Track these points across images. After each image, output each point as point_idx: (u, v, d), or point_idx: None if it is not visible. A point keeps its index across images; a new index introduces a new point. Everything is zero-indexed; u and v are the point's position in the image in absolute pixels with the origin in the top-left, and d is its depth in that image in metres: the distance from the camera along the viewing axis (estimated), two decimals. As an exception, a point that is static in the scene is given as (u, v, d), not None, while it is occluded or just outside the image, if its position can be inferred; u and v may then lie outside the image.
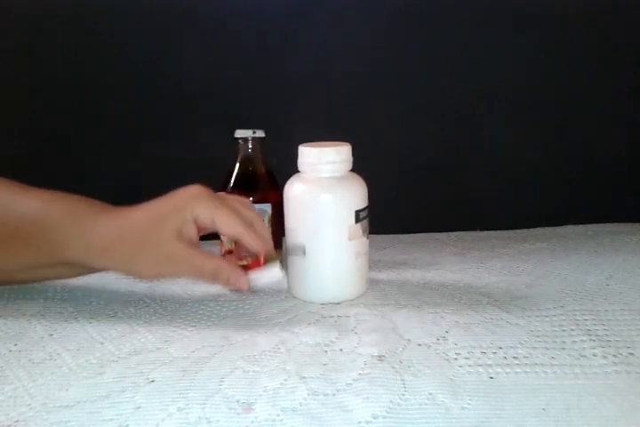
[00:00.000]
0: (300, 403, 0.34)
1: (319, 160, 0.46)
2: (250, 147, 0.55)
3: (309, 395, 0.34)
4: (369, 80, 0.68)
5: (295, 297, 0.49)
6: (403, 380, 0.36)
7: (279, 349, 0.40)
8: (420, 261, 0.59)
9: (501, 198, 0.72)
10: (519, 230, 0.70)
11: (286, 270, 0.44)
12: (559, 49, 0.68)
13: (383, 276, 0.54)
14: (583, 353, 0.39)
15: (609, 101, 0.70)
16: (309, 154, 0.46)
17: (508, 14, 0.67)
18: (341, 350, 0.40)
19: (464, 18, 0.66)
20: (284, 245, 0.51)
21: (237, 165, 0.56)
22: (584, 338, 0.41)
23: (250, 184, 0.55)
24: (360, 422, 0.32)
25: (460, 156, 0.70)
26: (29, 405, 0.34)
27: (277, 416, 0.32)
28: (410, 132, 0.69)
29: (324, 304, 0.47)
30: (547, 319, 0.44)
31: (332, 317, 0.45)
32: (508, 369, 0.37)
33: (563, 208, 0.72)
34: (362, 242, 0.48)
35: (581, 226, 0.70)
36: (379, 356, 0.38)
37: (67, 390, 0.36)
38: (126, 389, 0.35)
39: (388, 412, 0.32)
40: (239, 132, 0.55)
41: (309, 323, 0.44)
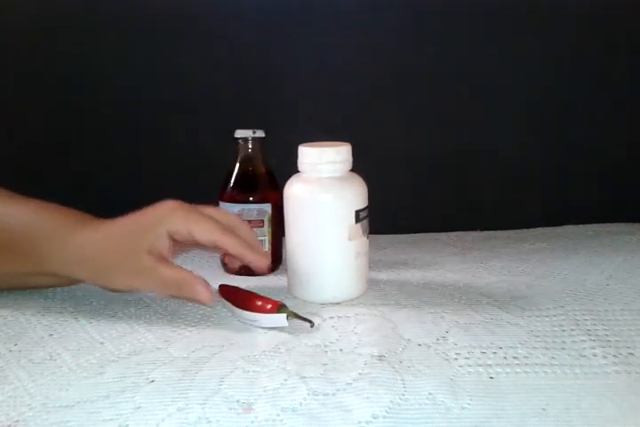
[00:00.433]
0: (300, 403, 0.34)
1: (319, 160, 0.46)
2: (250, 147, 0.55)
3: (309, 395, 0.34)
4: (369, 80, 0.68)
5: (295, 297, 0.49)
6: (403, 380, 0.36)
7: (279, 349, 0.40)
8: (420, 261, 0.59)
9: (501, 198, 0.72)
10: (519, 230, 0.70)
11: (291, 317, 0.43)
12: (559, 49, 0.68)
13: (383, 276, 0.54)
14: (583, 353, 0.39)
15: (609, 101, 0.70)
16: (309, 154, 0.46)
17: (508, 14, 0.67)
18: (341, 350, 0.40)
19: (464, 18, 0.66)
20: (283, 245, 0.51)
21: (237, 165, 0.56)
22: (584, 338, 0.41)
23: (250, 184, 0.55)
24: (360, 423, 0.32)
25: (461, 156, 0.70)
26: (29, 405, 0.34)
27: (277, 416, 0.32)
28: (410, 132, 0.69)
29: (323, 304, 0.47)
30: (547, 319, 0.44)
31: (331, 317, 0.45)
32: (508, 369, 0.37)
33: (563, 208, 0.72)
34: (362, 242, 0.48)
35: (581, 226, 0.70)
36: (379, 356, 0.38)
37: (67, 390, 0.36)
38: (126, 389, 0.35)
39: (387, 412, 0.32)
40: (239, 133, 0.55)
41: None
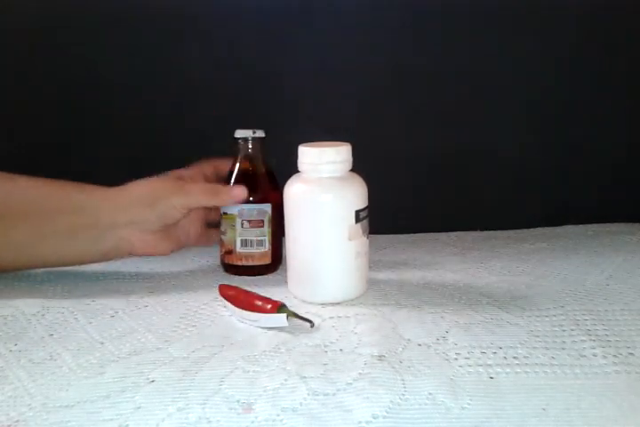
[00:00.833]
0: (300, 403, 0.34)
1: (319, 160, 0.46)
2: (250, 147, 0.55)
3: (309, 395, 0.34)
4: (369, 80, 0.68)
5: (295, 297, 0.49)
6: (403, 380, 0.36)
7: (279, 349, 0.40)
8: (420, 261, 0.59)
9: (501, 198, 0.72)
10: (519, 230, 0.70)
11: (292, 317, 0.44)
12: (559, 49, 0.68)
13: (383, 276, 0.54)
14: (583, 353, 0.39)
15: (609, 101, 0.70)
16: (309, 154, 0.46)
17: (508, 14, 0.67)
18: (341, 350, 0.40)
19: (464, 18, 0.66)
20: (284, 245, 0.51)
21: (237, 164, 0.55)
22: (584, 338, 0.41)
23: (250, 184, 0.54)
24: (360, 423, 0.32)
25: (461, 156, 0.70)
26: (29, 405, 0.34)
27: (277, 416, 0.32)
28: (410, 132, 0.69)
29: (324, 304, 0.47)
30: (547, 319, 0.44)
31: (331, 317, 0.45)
32: (508, 369, 0.37)
33: (563, 208, 0.72)
34: (362, 242, 0.48)
35: (581, 226, 0.70)
36: (379, 356, 0.38)
37: (67, 390, 0.36)
38: (126, 389, 0.35)
39: (387, 412, 0.32)
40: (239, 133, 0.55)
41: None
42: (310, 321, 0.43)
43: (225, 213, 0.54)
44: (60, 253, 0.52)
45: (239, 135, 0.55)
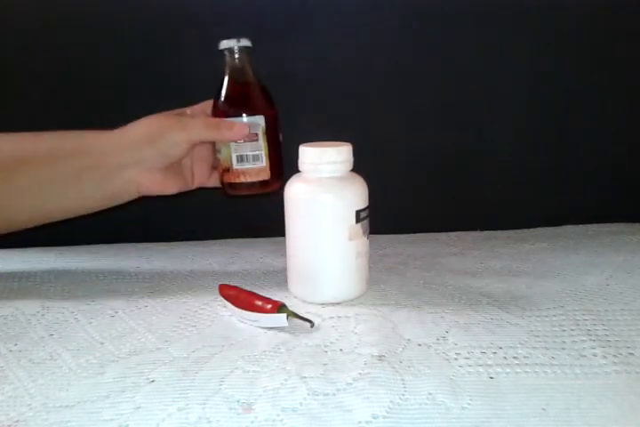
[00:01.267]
0: (300, 403, 0.34)
1: (320, 160, 0.46)
2: (237, 57, 0.52)
3: (309, 395, 0.34)
4: (369, 80, 0.67)
5: (295, 297, 0.49)
6: (403, 380, 0.36)
7: (279, 349, 0.40)
8: (420, 261, 0.59)
9: (501, 198, 0.72)
10: (519, 230, 0.70)
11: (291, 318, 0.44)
12: (559, 49, 0.68)
13: (383, 276, 0.54)
14: (583, 353, 0.39)
15: (609, 101, 0.70)
16: (310, 154, 0.46)
17: (508, 14, 0.66)
18: (341, 350, 0.40)
19: (465, 18, 0.66)
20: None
21: (225, 78, 0.52)
22: (584, 338, 0.41)
23: (240, 97, 0.52)
24: (360, 422, 0.32)
25: (461, 156, 0.70)
26: (29, 405, 0.34)
27: (277, 416, 0.33)
28: (410, 132, 0.69)
29: (324, 304, 0.47)
30: (547, 319, 0.44)
31: (331, 317, 0.45)
32: (508, 369, 0.37)
33: (563, 208, 0.72)
34: (362, 242, 0.48)
35: (581, 226, 0.70)
36: (379, 356, 0.38)
37: (67, 390, 0.36)
38: (126, 389, 0.36)
39: (388, 412, 0.33)
40: (223, 43, 0.51)
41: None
42: (310, 321, 0.43)
43: None
44: (65, 200, 0.51)
45: (223, 46, 0.51)
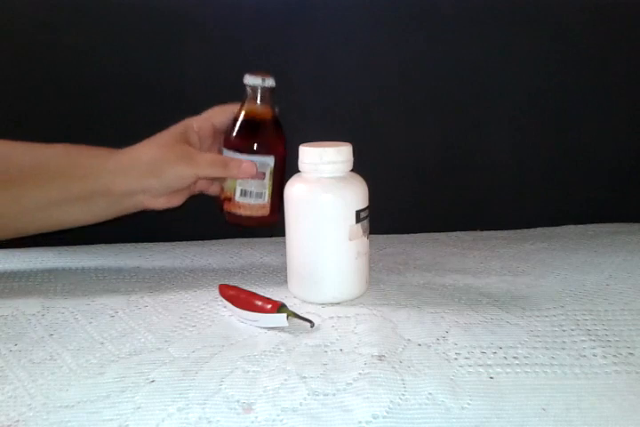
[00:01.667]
0: (301, 403, 0.34)
1: (320, 160, 0.46)
2: (259, 96, 0.51)
3: (309, 395, 0.34)
4: (369, 80, 0.67)
5: (295, 297, 0.49)
6: (403, 380, 0.36)
7: (279, 349, 0.40)
8: (420, 261, 0.59)
9: (501, 198, 0.72)
10: (519, 230, 0.70)
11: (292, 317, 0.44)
12: (559, 49, 0.68)
13: (383, 276, 0.54)
14: (583, 353, 0.39)
15: (609, 101, 0.70)
16: (310, 154, 0.46)
17: (508, 14, 0.66)
18: (341, 350, 0.40)
19: (465, 18, 0.66)
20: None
21: (244, 112, 0.52)
22: (584, 338, 0.41)
23: (255, 135, 0.51)
24: (360, 422, 0.32)
25: (461, 156, 0.70)
26: (29, 405, 0.34)
27: (277, 416, 0.33)
28: (410, 132, 0.69)
29: (324, 304, 0.47)
30: (547, 319, 0.44)
31: (331, 317, 0.45)
32: (508, 369, 0.37)
33: (563, 208, 0.72)
34: (362, 242, 0.48)
35: (581, 226, 0.70)
36: (379, 356, 0.38)
37: (67, 390, 0.36)
38: (126, 389, 0.36)
39: (388, 412, 0.33)
40: (248, 79, 0.50)
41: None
42: (310, 321, 0.43)
43: None
44: (75, 217, 0.53)
45: (248, 82, 0.50)
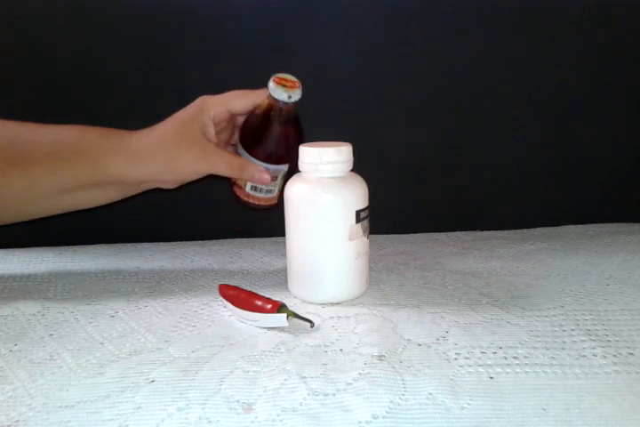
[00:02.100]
0: (301, 403, 0.34)
1: (320, 160, 0.46)
2: (282, 109, 0.49)
3: (309, 395, 0.34)
4: (369, 80, 0.67)
5: (295, 297, 0.49)
6: (403, 380, 0.36)
7: (279, 349, 0.40)
8: (420, 261, 0.59)
9: (501, 198, 0.72)
10: (519, 230, 0.70)
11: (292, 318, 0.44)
12: (559, 49, 0.68)
13: (383, 276, 0.54)
14: (583, 353, 0.39)
15: (609, 101, 0.70)
16: (310, 154, 0.46)
17: (508, 14, 0.67)
18: (341, 350, 0.40)
19: (464, 18, 0.66)
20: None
21: (264, 118, 0.50)
22: (584, 338, 0.41)
23: (274, 145, 0.51)
24: (360, 422, 0.32)
25: (461, 156, 0.70)
26: (29, 405, 0.34)
27: (277, 416, 0.33)
28: (410, 132, 0.69)
29: (323, 304, 0.47)
30: (547, 319, 0.44)
31: (331, 317, 0.45)
32: (508, 369, 0.37)
33: (563, 208, 0.72)
34: (362, 242, 0.48)
35: (581, 226, 0.70)
36: (379, 356, 0.38)
37: (67, 390, 0.36)
38: (126, 389, 0.36)
39: (388, 412, 0.33)
40: (274, 91, 0.48)
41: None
42: (310, 321, 0.43)
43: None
44: (87, 201, 0.53)
45: (274, 95, 0.48)
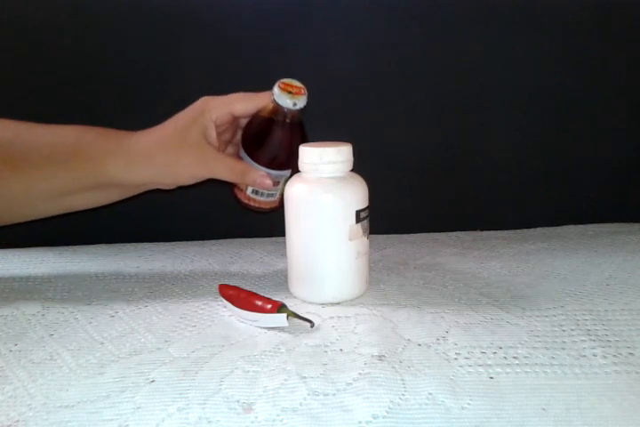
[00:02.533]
0: (301, 403, 0.34)
1: (320, 160, 0.46)
2: (286, 115, 0.49)
3: (309, 395, 0.34)
4: (369, 80, 0.67)
5: (295, 297, 0.49)
6: (403, 380, 0.36)
7: (279, 349, 0.40)
8: (420, 261, 0.59)
9: (501, 198, 0.72)
10: (519, 230, 0.70)
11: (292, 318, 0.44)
12: (559, 49, 0.68)
13: (383, 276, 0.54)
14: (583, 353, 0.39)
15: (609, 101, 0.70)
16: (310, 154, 0.46)
17: (508, 14, 0.67)
18: (341, 350, 0.40)
19: (464, 18, 0.66)
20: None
21: (268, 123, 0.50)
22: (584, 338, 0.41)
23: (277, 152, 0.51)
24: (360, 422, 0.32)
25: (461, 156, 0.70)
26: (29, 405, 0.34)
27: (277, 416, 0.33)
28: (410, 132, 0.69)
29: (324, 304, 0.47)
30: (547, 319, 0.44)
31: (331, 317, 0.45)
32: (508, 369, 0.37)
33: (563, 208, 0.72)
34: (362, 242, 0.48)
35: (581, 226, 0.70)
36: (379, 356, 0.38)
37: (67, 390, 0.36)
38: (126, 389, 0.36)
39: (387, 412, 0.33)
40: (279, 97, 0.48)
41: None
42: (310, 321, 0.43)
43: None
44: (86, 202, 0.53)
45: (279, 101, 0.48)
